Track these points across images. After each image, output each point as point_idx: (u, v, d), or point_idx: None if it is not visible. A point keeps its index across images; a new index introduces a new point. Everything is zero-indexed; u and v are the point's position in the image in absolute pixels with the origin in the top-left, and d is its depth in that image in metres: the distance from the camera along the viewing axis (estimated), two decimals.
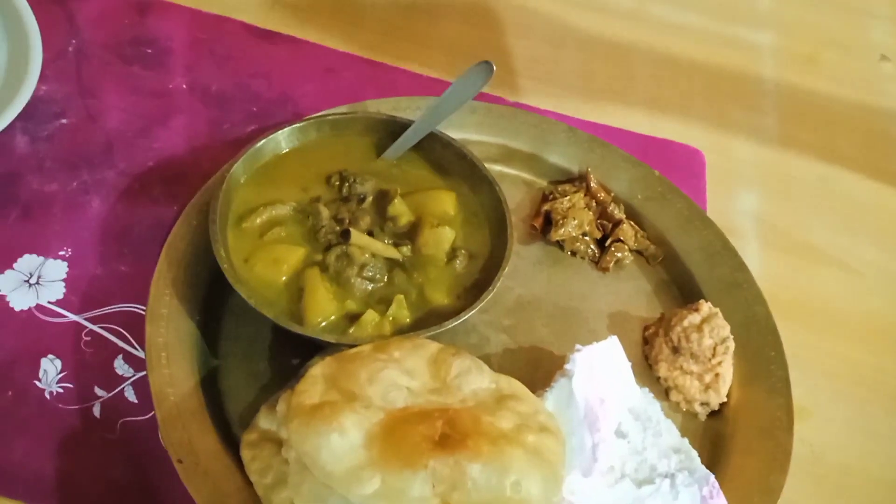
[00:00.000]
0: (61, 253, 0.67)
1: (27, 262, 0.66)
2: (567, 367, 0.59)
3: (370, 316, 0.61)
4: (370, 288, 0.63)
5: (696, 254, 0.75)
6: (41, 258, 0.66)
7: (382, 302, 0.62)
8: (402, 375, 0.52)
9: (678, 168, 0.85)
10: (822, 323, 0.77)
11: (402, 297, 0.62)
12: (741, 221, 0.84)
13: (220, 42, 0.86)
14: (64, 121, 0.76)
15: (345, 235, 0.64)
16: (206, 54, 0.84)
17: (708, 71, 0.97)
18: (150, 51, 0.83)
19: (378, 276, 0.63)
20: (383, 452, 0.45)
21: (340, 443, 0.46)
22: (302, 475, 0.48)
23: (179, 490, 0.55)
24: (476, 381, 0.54)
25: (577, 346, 0.60)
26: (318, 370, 0.53)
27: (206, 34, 0.86)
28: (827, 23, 1.06)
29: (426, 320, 0.62)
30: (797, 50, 1.03)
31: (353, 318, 0.61)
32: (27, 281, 0.65)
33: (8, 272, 0.65)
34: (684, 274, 0.74)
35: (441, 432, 0.46)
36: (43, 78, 0.76)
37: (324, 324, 0.61)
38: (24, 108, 0.72)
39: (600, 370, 0.60)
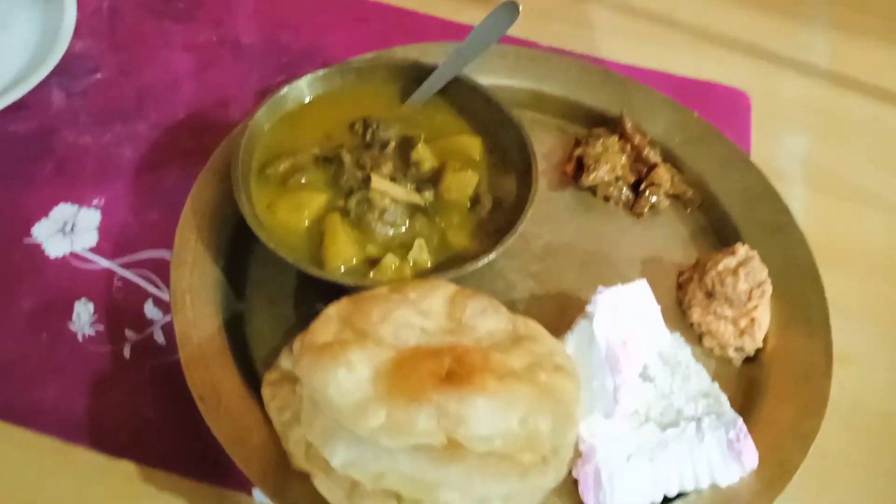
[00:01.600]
0: (95, 202, 0.68)
1: (62, 211, 0.68)
2: (588, 308, 0.57)
3: (390, 259, 0.60)
4: (391, 233, 0.62)
5: (736, 197, 0.72)
6: (75, 207, 0.68)
7: (404, 247, 0.62)
8: (415, 315, 0.51)
9: (721, 111, 0.82)
10: (870, 268, 0.74)
11: (422, 240, 0.62)
12: (787, 164, 0.80)
13: None
14: (98, 76, 0.77)
15: (366, 181, 0.63)
16: (236, 7, 0.85)
17: (755, 7, 0.93)
18: (181, 6, 0.84)
19: (399, 221, 0.62)
20: (390, 388, 0.45)
21: (348, 378, 0.46)
22: (314, 412, 0.48)
23: (204, 427, 0.56)
24: (492, 321, 0.53)
25: (600, 288, 0.59)
26: (333, 310, 0.53)
27: None
28: None
29: (448, 264, 0.61)
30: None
31: (374, 262, 0.61)
32: (62, 230, 0.67)
33: (43, 221, 0.67)
34: (723, 218, 0.71)
35: (448, 368, 0.46)
36: (77, 34, 0.77)
37: (344, 268, 0.60)
38: (60, 65, 0.74)
39: (625, 312, 0.58)
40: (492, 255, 0.60)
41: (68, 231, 0.67)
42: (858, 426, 0.64)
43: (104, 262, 0.65)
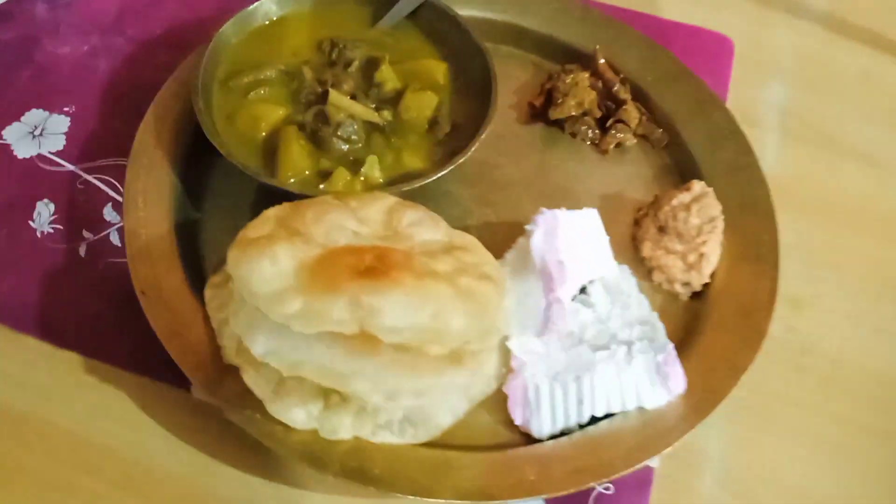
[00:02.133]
0: (66, 109, 0.70)
1: (34, 115, 0.69)
2: (527, 227, 0.58)
3: (341, 173, 0.61)
4: (346, 149, 0.63)
5: (702, 137, 0.71)
6: (46, 113, 0.70)
7: (357, 163, 0.63)
8: (351, 220, 0.52)
9: (703, 55, 0.81)
10: (840, 217, 0.73)
11: (375, 157, 0.62)
12: (765, 112, 0.79)
13: None
14: None
15: (324, 96, 0.64)
16: None
17: None
18: None
19: (355, 137, 0.63)
20: (309, 278, 0.46)
21: (271, 269, 0.47)
22: (240, 304, 0.50)
23: (148, 324, 0.58)
24: (429, 232, 0.53)
25: (542, 209, 0.59)
26: (272, 212, 0.54)
27: None
28: None
29: (399, 182, 0.62)
30: None
31: (326, 175, 0.61)
32: (31, 132, 0.68)
33: (15, 124, 0.69)
34: (687, 158, 0.71)
35: (368, 264, 0.46)
36: None
37: (296, 179, 0.61)
38: None
39: (567, 236, 0.58)
40: (442, 172, 0.61)
41: (37, 134, 0.68)
42: (806, 368, 0.64)
43: (69, 166, 0.67)
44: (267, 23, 0.69)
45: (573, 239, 0.59)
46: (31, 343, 0.59)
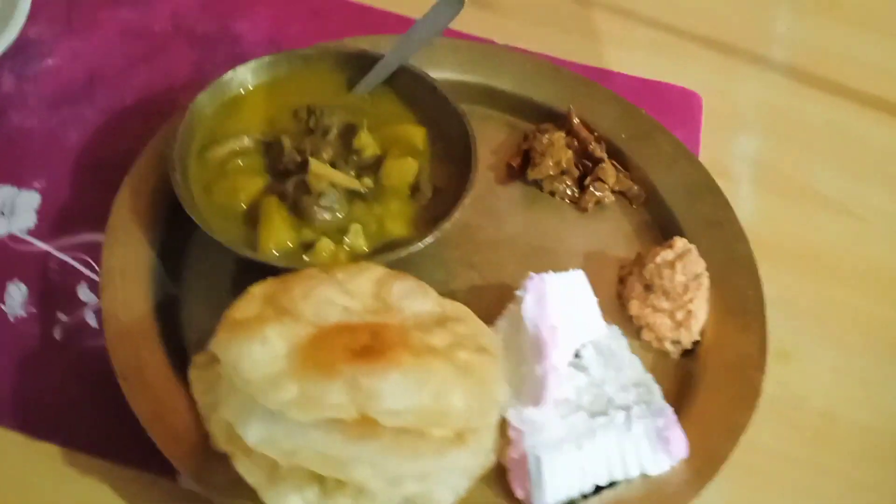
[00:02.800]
0: (35, 185, 0.68)
1: (2, 192, 0.67)
2: (518, 293, 0.57)
3: (325, 244, 0.60)
4: (328, 218, 0.62)
5: (679, 193, 0.72)
6: (15, 189, 0.68)
7: (340, 232, 0.62)
8: (340, 294, 0.51)
9: (673, 110, 0.82)
10: (817, 268, 0.74)
11: (359, 226, 0.61)
12: (737, 165, 0.81)
13: None
14: (50, 61, 0.77)
15: (304, 165, 0.63)
16: None
17: (717, 13, 0.93)
18: None
19: (337, 206, 0.62)
20: (303, 362, 0.45)
21: (262, 352, 0.46)
22: (231, 390, 0.48)
23: (129, 411, 0.55)
24: (419, 303, 0.53)
25: (531, 274, 0.59)
26: (258, 289, 0.52)
27: None
28: None
29: (384, 251, 0.61)
30: None
31: (309, 246, 0.60)
32: (1, 211, 0.66)
33: None
34: (666, 214, 0.71)
35: (364, 343, 0.45)
36: (32, 20, 0.77)
37: (278, 252, 0.60)
38: (12, 49, 0.74)
39: (557, 300, 0.58)
40: (427, 240, 0.60)
41: (7, 212, 0.66)
42: (798, 424, 0.64)
43: (41, 245, 0.65)
44: (241, 92, 0.68)
45: (563, 302, 0.59)
46: (3, 434, 0.56)
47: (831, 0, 0.99)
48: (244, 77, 0.68)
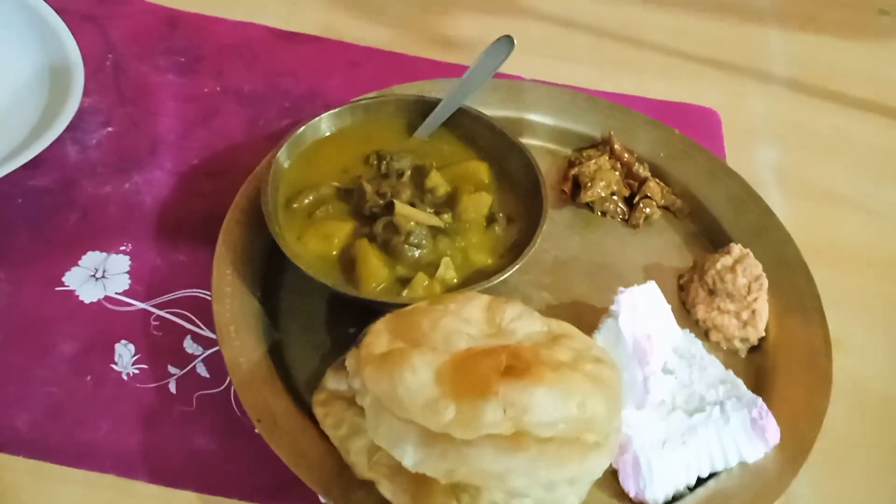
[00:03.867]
0: (122, 248, 0.71)
1: (91, 258, 0.70)
2: (612, 308, 0.62)
3: (420, 278, 0.64)
4: (417, 254, 0.66)
5: (722, 203, 0.78)
6: (104, 254, 0.70)
7: (430, 266, 0.66)
8: (460, 323, 0.55)
9: (695, 128, 0.88)
10: (851, 263, 0.80)
11: (448, 259, 0.66)
12: (762, 174, 0.87)
13: (246, 46, 0.90)
14: (110, 129, 0.80)
15: (389, 207, 0.67)
16: (235, 58, 0.89)
17: (716, 36, 1.01)
18: (182, 59, 0.88)
19: (424, 242, 0.66)
20: (454, 385, 0.49)
21: (413, 380, 0.49)
22: (378, 418, 0.51)
23: (256, 452, 0.58)
24: (529, 324, 0.57)
25: (620, 289, 0.63)
26: (381, 325, 0.56)
27: (232, 40, 0.90)
28: None
29: (472, 279, 0.65)
30: (799, 10, 1.06)
31: (405, 281, 0.64)
32: (93, 275, 0.69)
33: (74, 269, 0.69)
34: (712, 224, 0.77)
35: (506, 364, 0.49)
36: (86, 91, 0.80)
37: (377, 289, 0.64)
38: (72, 121, 0.76)
39: (643, 310, 0.63)
40: (515, 267, 0.65)
41: (100, 276, 0.69)
42: (861, 406, 0.70)
43: (139, 304, 0.67)
44: (314, 144, 0.72)
45: (648, 312, 0.63)
46: (142, 489, 0.58)
47: (809, 15, 1.07)
48: (315, 129, 0.72)
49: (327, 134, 0.74)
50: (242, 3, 0.94)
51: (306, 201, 0.69)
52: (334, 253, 0.66)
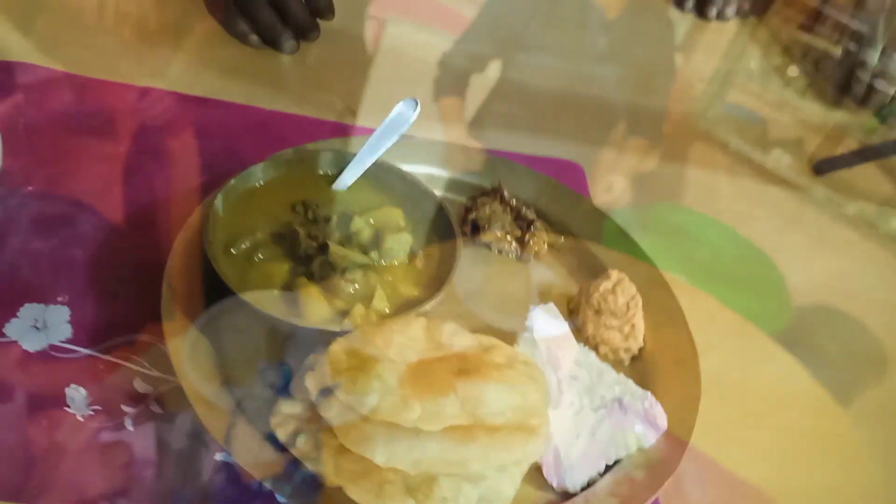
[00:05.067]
0: (60, 299, 0.73)
1: (30, 310, 0.72)
2: (527, 323, 0.73)
3: (358, 309, 0.72)
4: (351, 290, 0.74)
5: (596, 238, 0.92)
6: (42, 305, 0.72)
7: (365, 298, 0.74)
8: (407, 340, 0.64)
9: (565, 179, 1.03)
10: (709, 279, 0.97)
11: (382, 292, 0.74)
12: (619, 216, 1.03)
13: (158, 109, 0.95)
14: (30, 188, 0.82)
15: (323, 248, 0.75)
16: (147, 121, 0.93)
17: (574, 102, 1.18)
18: (94, 122, 0.91)
19: (357, 278, 0.74)
20: (417, 387, 0.57)
21: (381, 386, 0.57)
22: (346, 426, 0.58)
23: (220, 475, 0.63)
24: (464, 339, 0.66)
25: (532, 307, 0.74)
26: (337, 347, 0.63)
27: (144, 104, 0.95)
28: (652, 56, 1.32)
29: (402, 308, 0.74)
30: (636, 78, 1.26)
31: (345, 313, 0.72)
32: (34, 326, 0.71)
33: (14, 321, 0.70)
34: (590, 256, 0.91)
35: (459, 367, 0.58)
36: (3, 153, 0.82)
37: (320, 320, 0.71)
38: None
39: (550, 325, 0.74)
40: (439, 297, 0.74)
41: (41, 327, 0.71)
42: (723, 393, 0.83)
43: (84, 351, 0.70)
44: (244, 193, 0.79)
45: (554, 328, 0.75)
46: None
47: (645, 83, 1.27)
48: (244, 181, 0.80)
49: (256, 185, 0.81)
50: (146, 71, 1.00)
51: (243, 246, 0.75)
52: (276, 291, 0.73)
